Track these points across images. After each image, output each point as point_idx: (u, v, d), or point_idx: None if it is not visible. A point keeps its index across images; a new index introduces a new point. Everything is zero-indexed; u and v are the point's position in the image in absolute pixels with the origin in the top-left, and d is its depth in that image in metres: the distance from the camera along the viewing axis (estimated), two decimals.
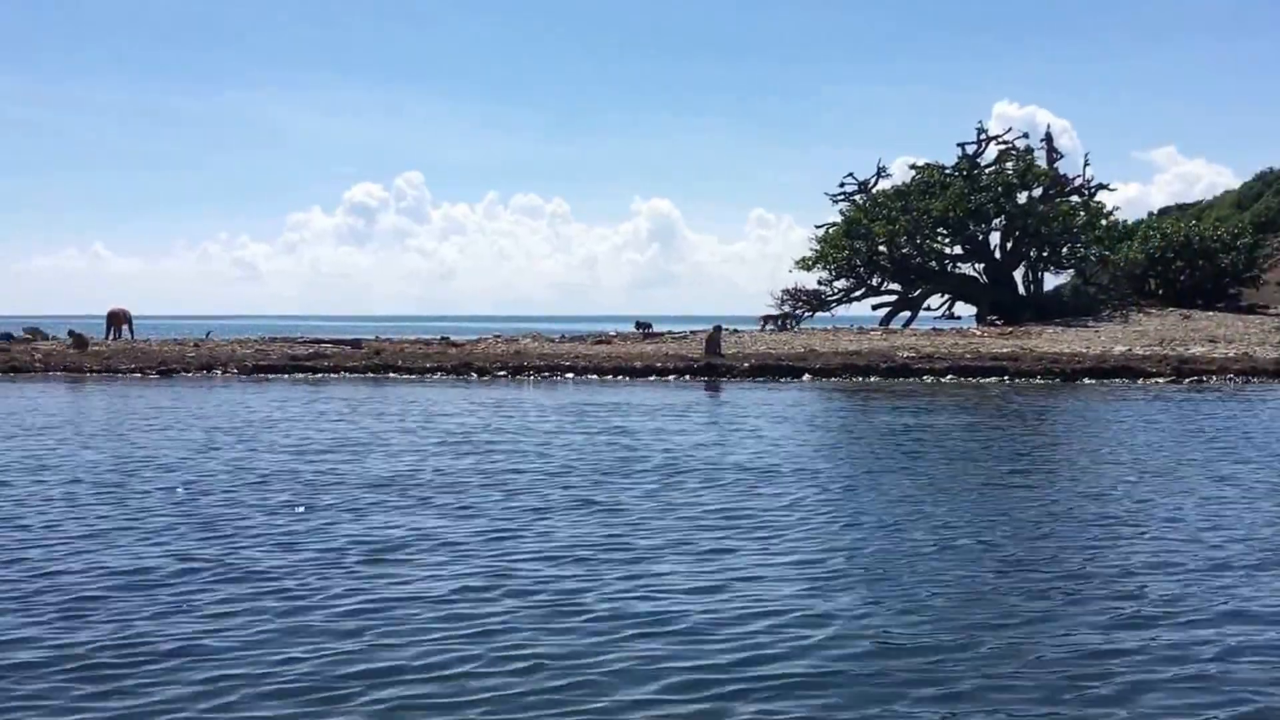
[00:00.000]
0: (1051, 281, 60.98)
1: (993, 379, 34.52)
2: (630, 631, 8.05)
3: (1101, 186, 60.18)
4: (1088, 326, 50.01)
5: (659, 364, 37.51)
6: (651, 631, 8.06)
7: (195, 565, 10.03)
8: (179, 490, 14.05)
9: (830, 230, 60.21)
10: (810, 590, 9.19)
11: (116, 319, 49.34)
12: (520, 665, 7.33)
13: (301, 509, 12.76)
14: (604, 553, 10.55)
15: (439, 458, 17.05)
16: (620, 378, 35.53)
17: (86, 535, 11.35)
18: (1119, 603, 8.89)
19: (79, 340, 43.31)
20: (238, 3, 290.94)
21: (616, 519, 12.24)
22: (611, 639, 7.88)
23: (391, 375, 36.71)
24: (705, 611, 8.55)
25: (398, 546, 10.79)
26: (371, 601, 8.81)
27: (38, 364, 38.67)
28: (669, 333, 51.14)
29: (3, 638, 7.94)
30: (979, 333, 49.00)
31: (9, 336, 48.85)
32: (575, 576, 9.62)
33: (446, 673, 7.25)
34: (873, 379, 34.79)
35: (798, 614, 8.47)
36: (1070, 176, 59.97)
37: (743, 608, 8.64)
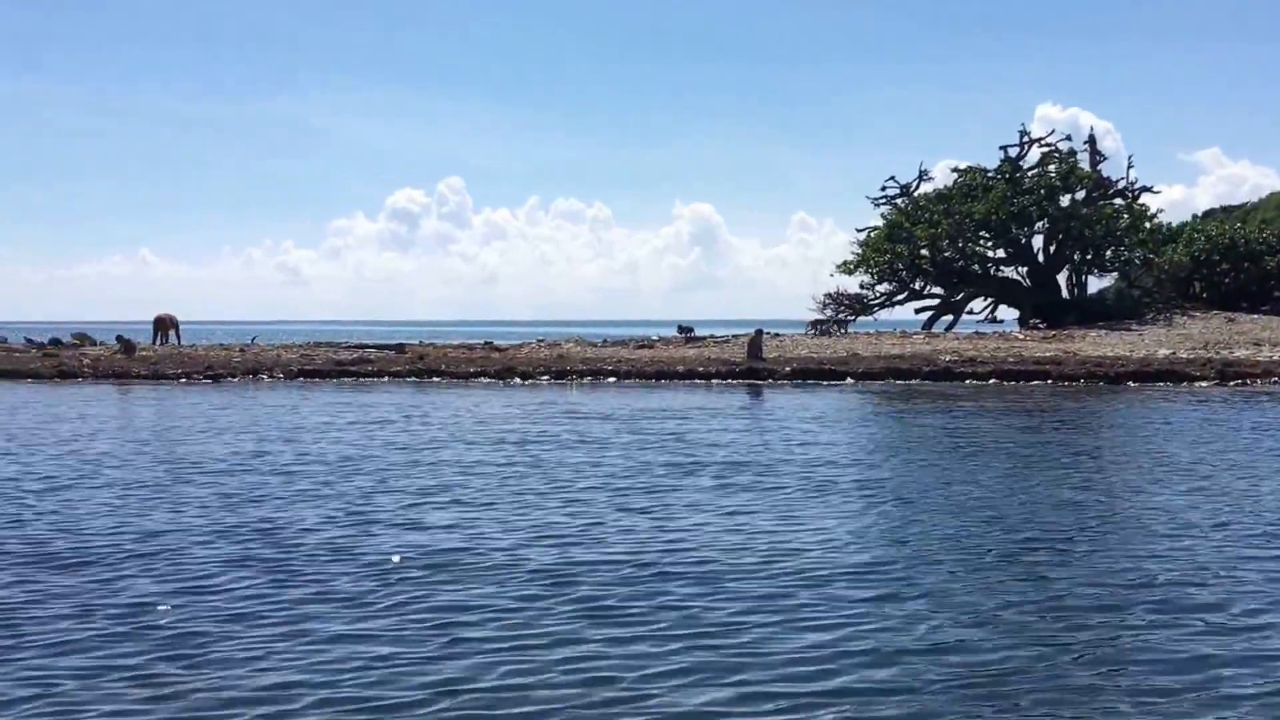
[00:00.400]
0: (1095, 284, 60.59)
1: (1036, 383, 34.37)
2: (699, 643, 7.97)
3: (1145, 189, 59.75)
4: (1131, 330, 49.67)
5: (701, 368, 37.58)
6: (722, 645, 7.96)
7: (256, 573, 10.05)
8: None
9: (872, 234, 60.08)
10: (879, 603, 9.06)
11: (163, 324, 49.91)
12: (592, 678, 7.27)
13: (361, 515, 12.79)
14: (666, 559, 10.53)
15: (493, 463, 17.08)
16: (663, 382, 35.61)
17: (144, 542, 11.41)
18: (1204, 626, 8.50)
19: (127, 346, 43.82)
20: (283, 10, 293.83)
21: (676, 525, 12.20)
22: (680, 649, 7.83)
23: (435, 379, 36.97)
24: (774, 620, 8.49)
25: (458, 554, 10.79)
26: (435, 611, 8.79)
27: (86, 369, 39.15)
28: (710, 337, 51.19)
29: (63, 648, 7.95)
30: (1022, 336, 48.75)
31: (57, 342, 49.51)
32: (639, 584, 9.60)
33: (515, 682, 7.21)
34: (915, 382, 34.71)
35: (870, 628, 8.36)
36: (1114, 179, 59.58)
37: (812, 617, 8.56)
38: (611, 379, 36.46)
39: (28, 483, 15.24)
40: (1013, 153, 59.90)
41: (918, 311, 60.75)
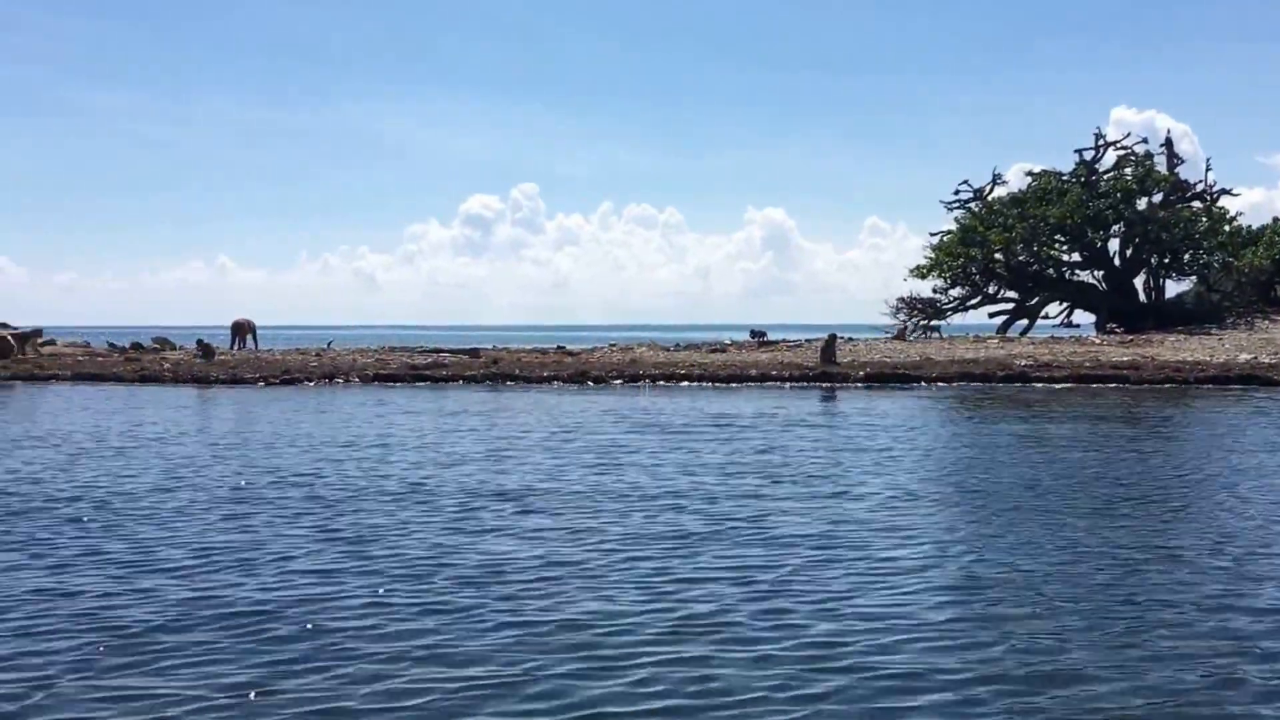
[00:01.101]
0: (1173, 288, 59.82)
1: (1113, 387, 33.92)
2: (810, 663, 7.70)
3: (1224, 191, 58.97)
4: (1211, 334, 48.98)
5: (774, 372, 37.54)
6: (833, 663, 7.70)
7: (359, 583, 9.88)
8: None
9: (945, 238, 59.74)
10: (992, 624, 8.62)
11: (241, 329, 50.71)
12: (698, 699, 7.10)
13: (457, 525, 12.65)
14: (769, 571, 10.28)
15: (578, 470, 16.90)
16: (736, 385, 35.54)
17: (244, 551, 11.28)
18: None
19: (206, 350, 44.60)
20: (357, 19, 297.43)
21: (769, 535, 11.94)
22: (790, 667, 7.61)
23: (508, 384, 37.21)
24: (889, 639, 8.23)
25: (557, 565, 10.58)
26: (542, 626, 8.61)
27: (166, 373, 39.87)
28: (783, 341, 51.14)
29: (171, 660, 7.86)
30: (1098, 341, 48.15)
31: (139, 346, 50.53)
32: (745, 598, 9.36)
33: (619, 703, 7.06)
34: (989, 387, 34.35)
35: (983, 649, 8.01)
36: (1192, 182, 58.81)
37: (929, 636, 8.28)
38: (684, 382, 36.52)
39: (124, 488, 15.40)
40: (1088, 156, 59.33)
41: (991, 316, 60.35)
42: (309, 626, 8.64)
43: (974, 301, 59.70)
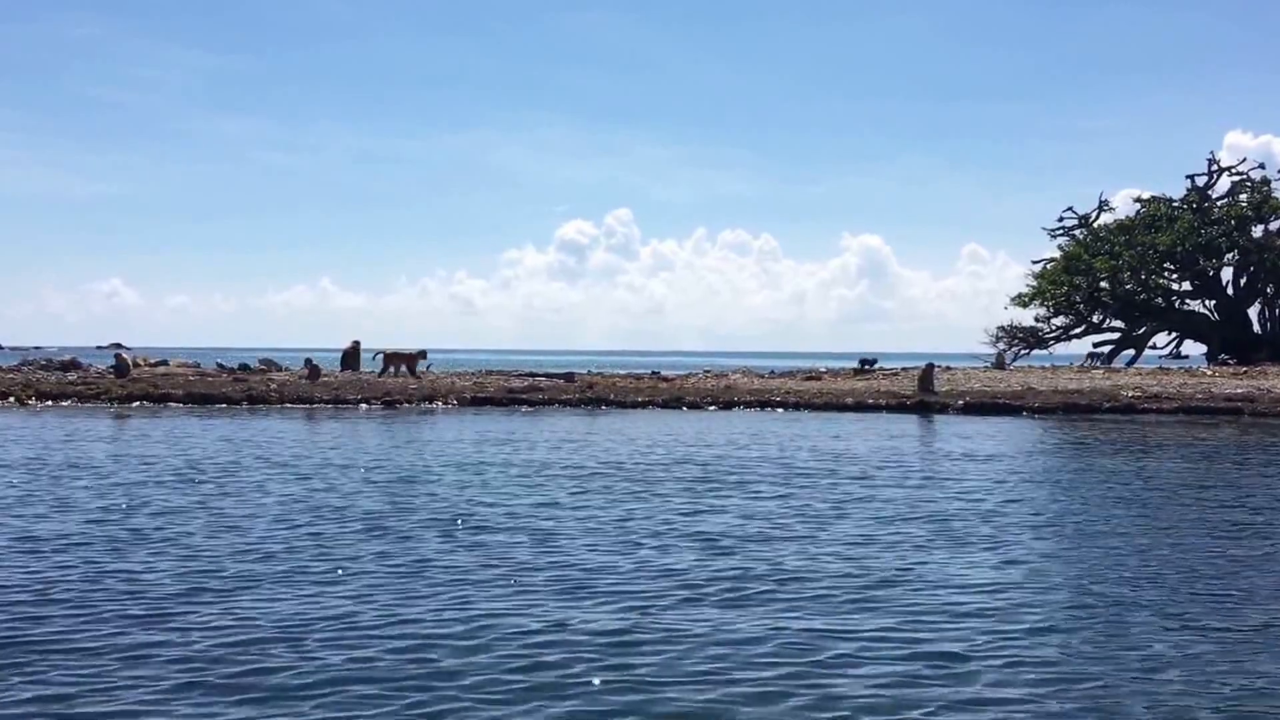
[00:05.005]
0: None
1: (1225, 420, 32.91)
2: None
3: None
4: None
5: (870, 400, 37.18)
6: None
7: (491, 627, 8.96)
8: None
9: (1048, 266, 58.78)
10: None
11: (398, 358, 51.04)
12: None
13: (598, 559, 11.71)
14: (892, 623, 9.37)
15: (711, 503, 15.93)
16: (833, 413, 35.21)
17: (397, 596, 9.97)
18: None
19: (314, 370, 45.37)
20: (458, 50, 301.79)
21: (875, 560, 11.45)
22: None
23: (603, 408, 37.29)
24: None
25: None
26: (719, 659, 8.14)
27: (273, 393, 40.63)
28: (879, 367, 50.71)
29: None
30: (1209, 372, 46.92)
31: (246, 367, 51.59)
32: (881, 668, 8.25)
33: None
34: (1093, 417, 33.54)
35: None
36: None
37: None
38: (780, 409, 36.29)
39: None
40: (1200, 182, 58.05)
41: (1096, 345, 59.24)
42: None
43: (1078, 330, 58.68)
